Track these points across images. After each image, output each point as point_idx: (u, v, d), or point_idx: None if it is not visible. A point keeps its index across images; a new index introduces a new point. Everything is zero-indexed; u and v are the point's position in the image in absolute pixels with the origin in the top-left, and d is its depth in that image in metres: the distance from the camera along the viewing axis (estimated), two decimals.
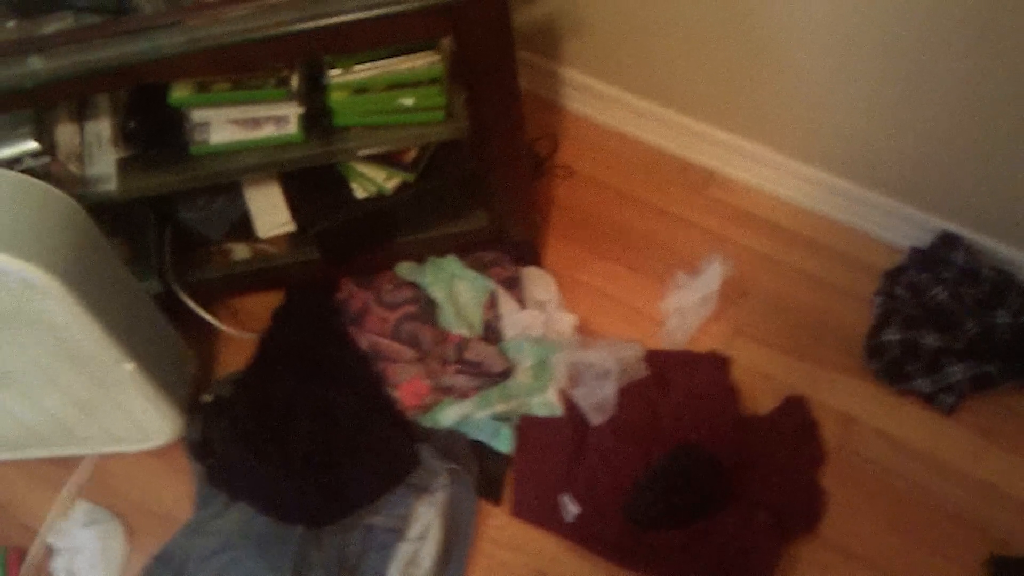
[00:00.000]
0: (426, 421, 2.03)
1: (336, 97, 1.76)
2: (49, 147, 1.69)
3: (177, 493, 2.02)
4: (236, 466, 1.96)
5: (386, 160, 1.94)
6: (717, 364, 2.08)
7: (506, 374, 2.04)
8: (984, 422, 1.99)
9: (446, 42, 1.75)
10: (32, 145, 1.65)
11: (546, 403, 2.04)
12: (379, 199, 1.98)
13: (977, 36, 1.72)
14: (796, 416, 2.01)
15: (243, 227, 2.10)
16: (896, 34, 1.81)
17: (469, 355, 2.04)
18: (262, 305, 2.19)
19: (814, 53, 1.95)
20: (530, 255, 2.20)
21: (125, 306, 1.75)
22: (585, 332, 2.13)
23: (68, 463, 2.06)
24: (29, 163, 1.66)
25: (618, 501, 1.88)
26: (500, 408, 2.02)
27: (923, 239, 2.15)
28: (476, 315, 2.11)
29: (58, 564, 1.96)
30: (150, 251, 2.03)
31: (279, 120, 1.78)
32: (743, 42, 2.03)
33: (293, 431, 1.96)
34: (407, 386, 2.02)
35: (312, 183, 2.00)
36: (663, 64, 2.22)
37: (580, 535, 1.90)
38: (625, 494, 1.88)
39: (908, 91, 1.90)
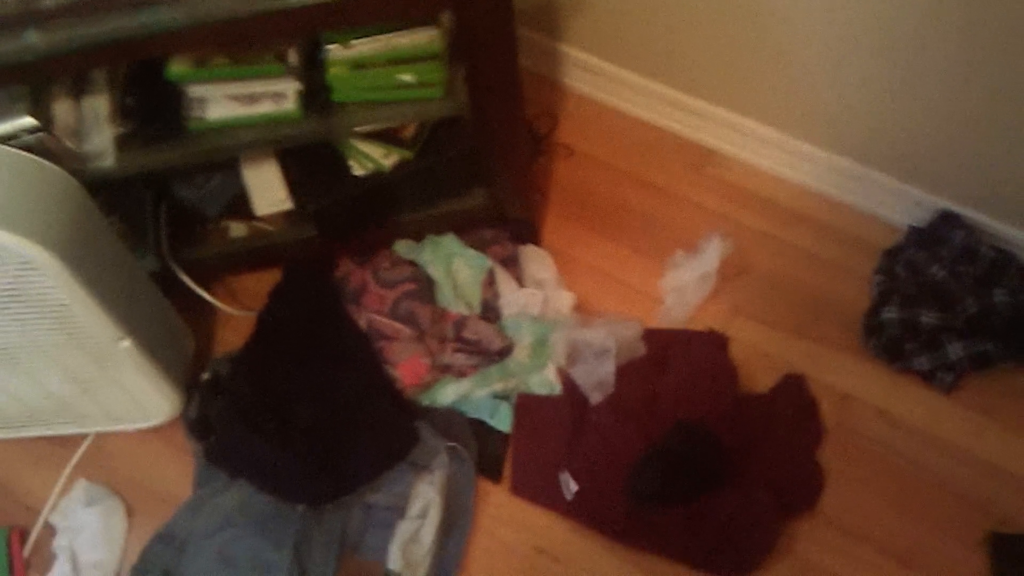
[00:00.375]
0: (425, 399, 2.03)
1: (334, 73, 1.75)
2: (46, 123, 1.68)
3: (177, 471, 2.02)
4: (235, 444, 1.96)
5: (384, 137, 1.93)
6: (716, 342, 2.07)
7: (505, 352, 2.04)
8: (984, 400, 1.99)
9: (446, 17, 1.74)
10: (29, 120, 1.64)
11: (545, 381, 2.04)
12: (377, 176, 1.97)
13: (978, 14, 1.72)
14: (795, 394, 2.01)
15: (240, 205, 2.09)
16: (897, 12, 1.80)
17: (467, 333, 2.04)
18: (260, 283, 2.18)
19: (814, 31, 1.95)
20: (529, 233, 2.19)
21: (122, 283, 1.75)
22: (583, 311, 2.13)
23: (68, 442, 2.06)
24: (26, 139, 1.64)
25: (617, 479, 1.88)
26: (499, 386, 2.03)
27: (922, 218, 2.15)
28: (474, 293, 2.11)
29: (60, 543, 1.95)
30: (147, 228, 2.02)
31: (277, 96, 1.77)
32: (743, 20, 2.03)
33: (292, 409, 1.96)
34: (406, 365, 2.01)
35: (310, 160, 1.99)
36: (663, 43, 2.22)
37: (580, 513, 1.90)
38: (624, 472, 1.88)
39: (908, 69, 1.89)
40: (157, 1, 1.49)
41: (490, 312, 2.09)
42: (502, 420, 2.01)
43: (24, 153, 1.58)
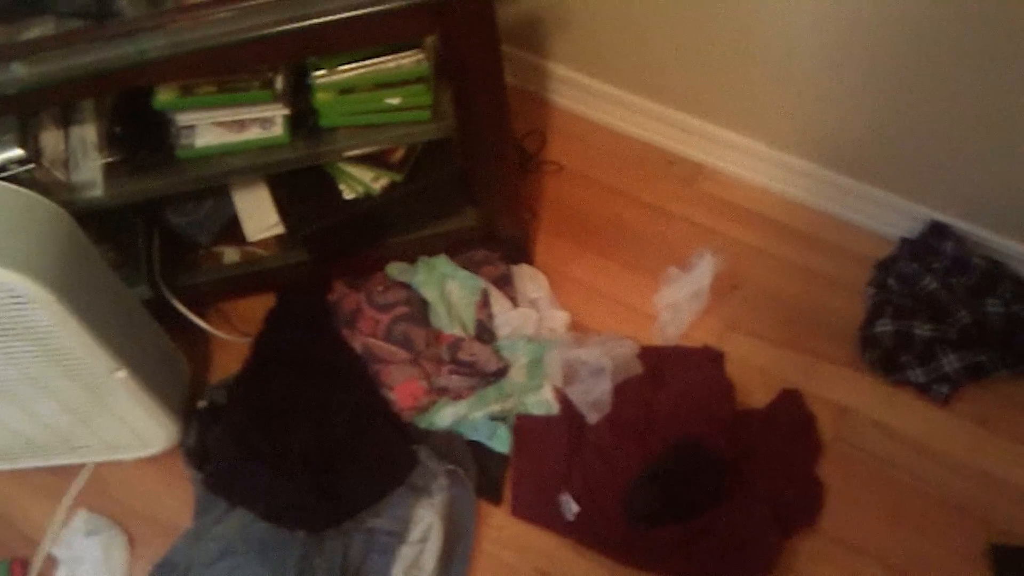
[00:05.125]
0: (422, 422, 2.02)
1: (321, 98, 1.75)
2: (34, 154, 1.69)
3: (177, 500, 2.02)
4: (234, 472, 1.95)
5: (373, 160, 1.94)
6: (711, 358, 2.07)
7: (501, 373, 2.04)
8: (979, 411, 1.99)
9: (431, 40, 1.75)
10: (17, 152, 1.65)
11: (542, 401, 2.03)
12: (367, 200, 1.97)
13: (965, 27, 1.72)
14: (792, 409, 2.01)
15: (233, 230, 2.10)
16: (883, 24, 1.81)
17: (463, 355, 2.04)
18: (254, 308, 2.19)
19: (801, 46, 1.95)
20: (521, 252, 2.19)
21: (115, 313, 1.75)
22: (578, 329, 2.13)
23: (67, 472, 2.06)
24: (14, 170, 1.65)
25: (617, 498, 1.87)
26: (496, 408, 2.02)
27: (913, 229, 2.15)
28: (469, 314, 2.10)
29: (61, 574, 1.95)
30: (139, 257, 2.02)
31: (265, 122, 1.78)
32: (729, 35, 2.03)
33: (289, 435, 1.95)
34: (402, 388, 2.01)
35: (300, 185, 2.00)
36: (650, 58, 2.22)
37: (580, 533, 1.90)
38: (623, 491, 1.87)
39: (896, 82, 1.90)
40: (141, 31, 1.49)
41: (485, 333, 2.09)
42: (501, 442, 2.00)
43: (13, 186, 1.58)
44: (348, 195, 1.98)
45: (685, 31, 2.09)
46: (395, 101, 1.76)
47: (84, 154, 1.80)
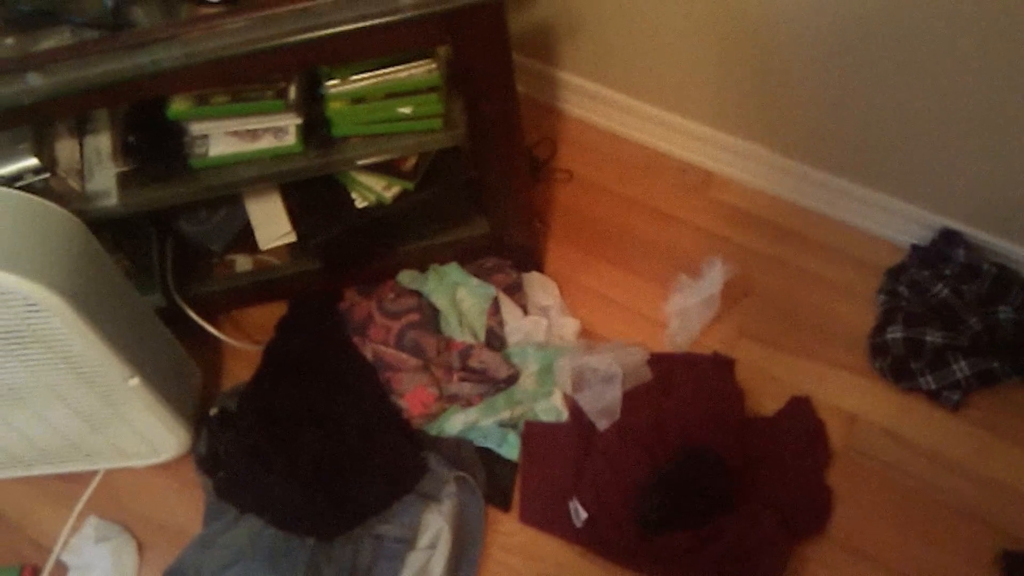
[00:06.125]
0: (432, 429, 2.03)
1: (334, 107, 1.76)
2: (49, 163, 1.69)
3: (187, 507, 2.02)
4: (244, 479, 1.95)
5: (385, 169, 1.94)
6: (721, 365, 2.07)
7: (511, 380, 2.04)
8: (990, 418, 1.99)
9: (443, 50, 1.75)
10: (32, 161, 1.65)
11: (551, 408, 2.04)
12: (379, 208, 1.98)
13: (974, 31, 1.72)
14: (802, 416, 2.01)
15: (245, 239, 2.11)
16: (892, 30, 1.81)
17: (473, 362, 2.04)
18: (266, 316, 2.19)
19: (809, 52, 1.95)
20: (531, 260, 2.20)
21: (128, 321, 1.75)
22: (588, 336, 2.13)
23: (78, 479, 2.06)
24: (29, 179, 1.66)
25: (625, 505, 1.87)
26: (506, 415, 2.02)
27: (924, 236, 2.15)
28: (479, 322, 2.11)
29: None
30: (152, 265, 2.04)
31: (278, 131, 1.78)
32: (738, 43, 2.03)
33: (300, 442, 1.96)
34: (412, 395, 2.02)
35: (312, 193, 2.01)
36: (660, 66, 2.22)
37: (589, 540, 1.90)
38: (632, 498, 1.87)
39: (904, 88, 1.90)
40: (155, 42, 1.50)
41: (495, 340, 2.09)
42: (510, 449, 2.01)
43: (28, 195, 1.59)
44: (360, 204, 1.98)
45: (695, 39, 2.09)
46: (407, 110, 1.77)
47: (98, 163, 1.81)
